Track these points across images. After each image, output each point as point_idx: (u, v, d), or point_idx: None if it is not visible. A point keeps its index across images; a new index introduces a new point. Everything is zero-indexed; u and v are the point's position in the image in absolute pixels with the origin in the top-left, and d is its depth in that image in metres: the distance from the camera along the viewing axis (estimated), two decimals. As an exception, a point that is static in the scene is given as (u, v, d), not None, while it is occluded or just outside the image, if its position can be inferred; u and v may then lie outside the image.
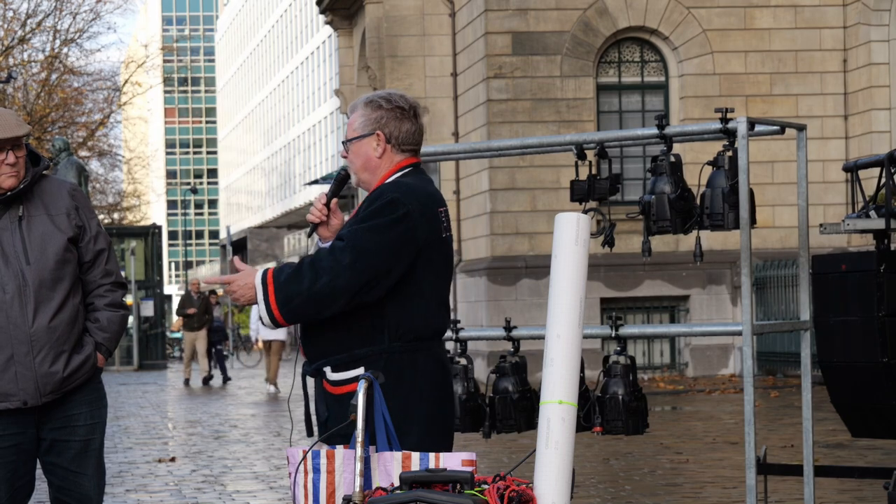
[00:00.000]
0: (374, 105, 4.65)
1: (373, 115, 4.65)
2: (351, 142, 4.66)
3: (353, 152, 4.67)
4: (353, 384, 4.49)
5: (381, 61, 29.20)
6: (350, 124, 4.69)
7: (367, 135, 4.64)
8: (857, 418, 7.57)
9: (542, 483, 3.93)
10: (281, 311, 4.47)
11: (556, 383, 4.01)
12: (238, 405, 21.31)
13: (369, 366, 4.50)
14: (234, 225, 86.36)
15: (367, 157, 4.65)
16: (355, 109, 4.70)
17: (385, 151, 4.64)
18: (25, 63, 46.69)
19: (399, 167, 4.65)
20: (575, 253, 4.08)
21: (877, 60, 24.46)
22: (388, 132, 4.63)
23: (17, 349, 4.99)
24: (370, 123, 4.64)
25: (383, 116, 4.64)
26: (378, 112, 4.64)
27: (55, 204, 5.11)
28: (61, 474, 5.17)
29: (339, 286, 4.44)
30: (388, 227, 4.47)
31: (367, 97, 4.69)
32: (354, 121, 4.67)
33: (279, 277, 4.49)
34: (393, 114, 4.64)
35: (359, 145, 4.65)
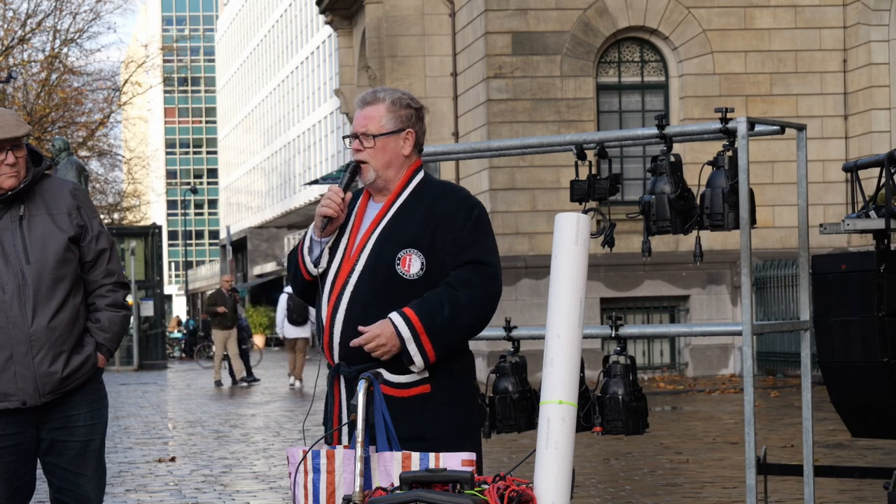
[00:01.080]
0: (402, 103, 4.61)
1: (402, 112, 4.60)
2: (379, 136, 4.58)
3: (378, 148, 4.58)
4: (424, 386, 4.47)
5: (381, 61, 29.20)
6: (371, 118, 4.59)
7: (398, 131, 4.60)
8: (857, 418, 7.57)
9: (542, 483, 3.93)
10: (437, 354, 4.45)
11: (556, 383, 4.01)
12: (238, 405, 21.31)
13: (432, 368, 4.48)
14: (234, 225, 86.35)
15: (395, 154, 4.60)
16: (374, 103, 4.61)
17: (411, 151, 4.62)
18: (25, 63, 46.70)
19: (416, 167, 4.65)
20: (575, 253, 4.08)
21: (877, 60, 24.46)
22: (416, 132, 4.62)
23: (17, 349, 4.98)
24: (400, 121, 4.60)
25: (412, 115, 4.63)
26: (407, 110, 4.61)
27: (56, 203, 5.11)
28: (61, 475, 5.17)
29: (488, 316, 4.52)
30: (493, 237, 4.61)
31: (390, 93, 4.63)
32: (379, 116, 4.59)
33: (432, 324, 4.42)
34: (418, 114, 4.64)
35: (386, 141, 4.58)
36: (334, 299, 4.55)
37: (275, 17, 77.28)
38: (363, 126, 4.59)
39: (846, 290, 7.33)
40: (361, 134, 4.59)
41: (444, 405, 4.48)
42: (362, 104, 4.63)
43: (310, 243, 4.65)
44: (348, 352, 4.50)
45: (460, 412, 4.51)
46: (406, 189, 4.61)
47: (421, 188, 4.61)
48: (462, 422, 4.52)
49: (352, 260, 4.57)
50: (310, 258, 4.64)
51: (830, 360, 7.46)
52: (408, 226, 4.53)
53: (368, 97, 4.64)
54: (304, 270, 4.65)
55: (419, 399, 4.44)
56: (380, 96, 4.62)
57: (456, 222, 4.50)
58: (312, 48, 65.78)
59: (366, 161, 4.59)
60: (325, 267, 4.62)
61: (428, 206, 4.54)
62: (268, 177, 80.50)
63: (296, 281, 4.73)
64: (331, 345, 4.55)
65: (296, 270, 4.70)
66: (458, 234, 4.50)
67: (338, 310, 4.53)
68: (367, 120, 4.59)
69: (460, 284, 4.44)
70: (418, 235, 4.50)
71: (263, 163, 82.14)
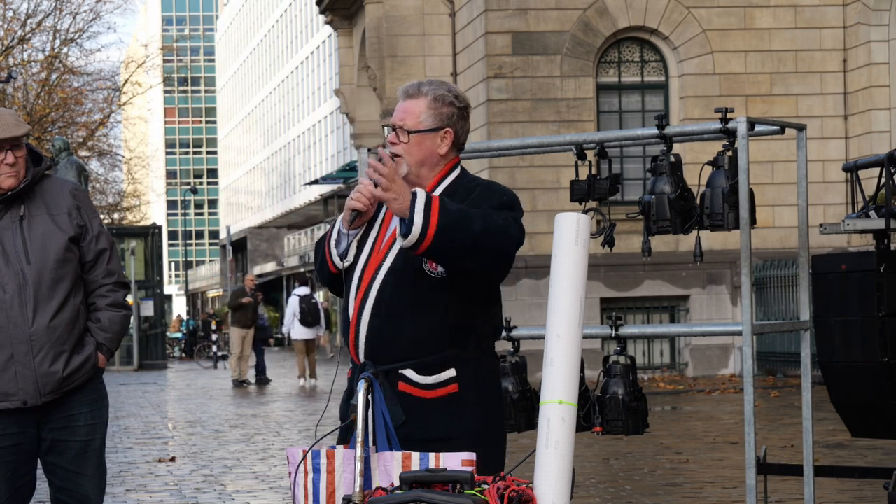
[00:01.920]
0: (446, 100, 4.47)
1: (443, 110, 4.46)
2: (414, 133, 4.44)
3: (414, 144, 4.44)
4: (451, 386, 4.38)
5: (381, 61, 29.21)
6: (410, 112, 4.46)
7: (436, 129, 4.46)
8: (857, 418, 7.57)
9: (542, 483, 3.93)
10: (437, 235, 4.21)
11: (556, 383, 4.01)
12: (238, 405, 21.31)
13: (460, 368, 4.39)
14: (234, 225, 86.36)
15: (430, 152, 4.46)
16: (416, 97, 4.47)
17: (448, 150, 4.49)
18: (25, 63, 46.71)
19: (452, 164, 4.54)
20: (575, 253, 4.08)
21: (877, 60, 24.47)
22: (456, 131, 4.49)
23: (17, 349, 4.98)
24: (441, 119, 4.45)
25: (454, 114, 4.48)
26: (449, 108, 4.47)
27: (57, 203, 5.11)
28: (62, 474, 5.17)
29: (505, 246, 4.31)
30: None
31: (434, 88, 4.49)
32: (419, 111, 4.45)
33: (446, 204, 4.24)
34: (461, 113, 4.50)
35: (423, 138, 4.44)
36: (361, 295, 4.45)
37: (275, 17, 77.29)
38: (401, 119, 4.46)
39: (846, 290, 7.33)
40: (399, 127, 4.46)
41: (469, 405, 4.40)
42: (405, 96, 4.50)
43: (337, 235, 4.52)
44: (374, 351, 4.41)
45: (486, 412, 4.44)
46: (439, 186, 4.49)
47: (455, 185, 4.50)
48: (488, 421, 4.45)
49: (380, 256, 4.45)
50: (336, 251, 4.51)
51: (830, 360, 7.46)
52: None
53: (411, 89, 4.50)
54: (331, 263, 4.54)
55: (446, 400, 4.36)
56: (423, 90, 4.48)
57: (485, 200, 4.40)
58: (312, 48, 65.79)
59: (400, 155, 4.46)
60: (353, 261, 4.50)
61: (459, 200, 4.42)
62: (268, 177, 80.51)
63: (322, 272, 4.60)
64: (356, 342, 4.44)
65: (322, 261, 4.58)
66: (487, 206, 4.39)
67: (364, 306, 4.42)
68: (406, 114, 4.46)
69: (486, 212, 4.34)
70: None
71: (263, 163, 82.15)
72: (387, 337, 4.40)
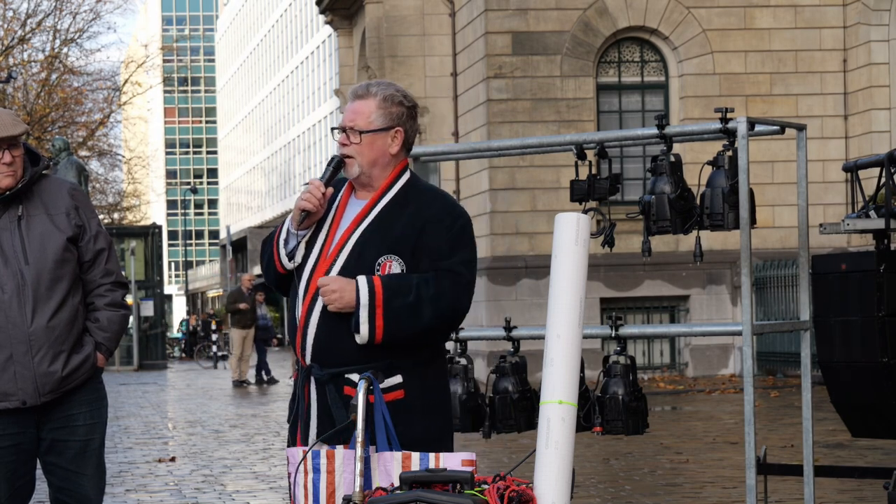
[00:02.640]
0: (395, 100, 4.48)
1: (393, 109, 4.48)
2: (366, 133, 4.46)
3: (366, 144, 4.45)
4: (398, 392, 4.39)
5: (381, 61, 29.20)
6: (360, 112, 4.47)
7: (387, 129, 4.47)
8: (857, 418, 7.57)
9: (542, 483, 3.93)
10: (384, 337, 4.32)
11: (556, 383, 4.01)
12: (238, 405, 21.31)
13: (406, 375, 4.41)
14: (234, 225, 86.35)
15: (381, 153, 4.47)
16: (366, 97, 4.49)
17: (399, 149, 4.50)
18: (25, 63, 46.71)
19: (403, 166, 4.54)
20: (575, 253, 4.08)
21: (877, 60, 24.47)
22: (406, 130, 4.50)
23: (16, 348, 4.98)
24: (391, 118, 4.47)
25: (404, 113, 4.50)
26: (399, 108, 4.49)
27: (55, 203, 5.11)
28: (61, 474, 5.17)
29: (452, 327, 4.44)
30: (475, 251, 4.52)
31: (383, 88, 4.50)
32: (369, 111, 4.47)
33: (391, 302, 4.31)
34: (410, 112, 4.51)
35: (374, 138, 4.46)
36: (309, 299, 4.44)
37: (275, 17, 77.29)
38: (351, 120, 4.48)
39: (846, 290, 7.33)
40: (349, 128, 4.48)
41: (417, 412, 4.41)
42: (354, 97, 4.51)
43: (286, 235, 4.53)
44: (321, 354, 4.42)
45: (434, 419, 4.46)
46: (391, 190, 4.49)
47: (406, 190, 4.50)
48: (436, 428, 4.47)
49: (330, 258, 4.45)
50: (285, 251, 4.52)
51: (830, 360, 7.46)
52: (391, 230, 4.42)
53: (360, 90, 4.51)
54: (279, 263, 4.54)
55: (393, 406, 4.36)
56: (372, 91, 4.50)
57: (441, 229, 4.41)
58: (312, 48, 65.79)
59: (351, 156, 4.48)
60: (301, 262, 4.51)
61: (415, 208, 4.43)
62: (268, 177, 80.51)
63: (268, 272, 4.60)
64: (303, 345, 4.44)
65: (269, 261, 4.58)
66: (440, 241, 4.40)
67: (313, 310, 4.42)
68: (356, 114, 4.48)
69: (433, 283, 4.36)
70: (401, 241, 4.40)
71: (263, 163, 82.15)
72: (334, 341, 4.40)
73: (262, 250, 4.65)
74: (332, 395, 4.41)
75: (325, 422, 4.44)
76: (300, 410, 4.52)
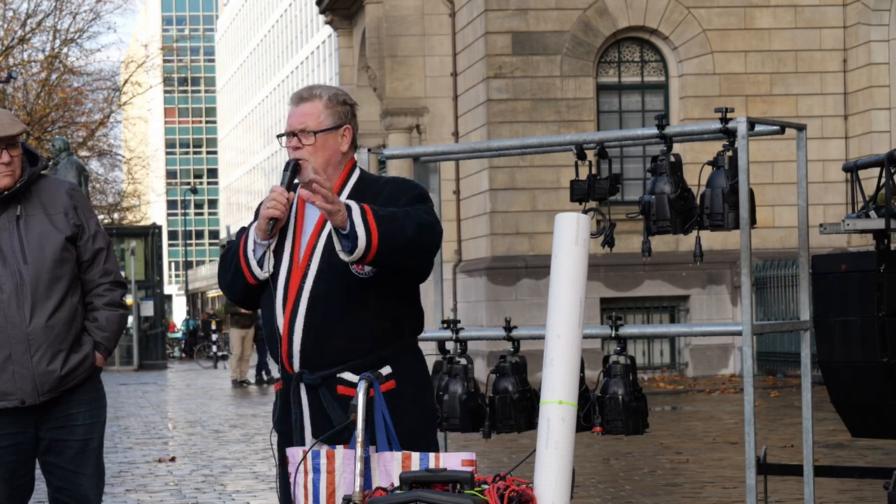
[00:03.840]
0: (339, 99, 4.53)
1: (339, 108, 4.52)
2: (319, 133, 4.48)
3: (318, 145, 4.48)
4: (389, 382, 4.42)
5: (381, 61, 29.20)
6: (309, 114, 4.49)
7: (336, 128, 4.51)
8: (857, 418, 7.56)
9: (542, 483, 3.93)
10: (380, 244, 4.25)
11: (556, 383, 4.01)
12: (238, 405, 21.31)
13: (395, 365, 4.44)
14: (234, 225, 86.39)
15: (333, 151, 4.51)
16: (311, 99, 4.51)
17: (349, 147, 4.54)
18: (25, 63, 46.71)
19: (352, 164, 4.58)
20: (575, 253, 4.08)
21: (877, 60, 24.46)
22: (353, 128, 4.55)
23: (15, 348, 4.98)
24: (339, 117, 4.51)
25: (349, 111, 4.54)
26: (343, 107, 4.53)
27: (53, 203, 5.11)
28: (60, 474, 5.17)
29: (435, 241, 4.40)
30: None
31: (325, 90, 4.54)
32: (317, 113, 4.49)
33: (378, 212, 4.30)
34: (353, 110, 4.56)
35: (327, 137, 4.49)
36: (290, 306, 4.44)
37: (275, 17, 77.31)
38: (301, 123, 4.50)
39: (846, 290, 7.33)
40: (300, 131, 4.49)
41: (408, 399, 4.46)
42: (298, 101, 4.54)
43: (253, 245, 4.52)
44: (310, 359, 4.43)
45: (423, 411, 4.52)
46: (346, 186, 4.53)
47: (361, 184, 4.54)
48: (424, 421, 4.52)
49: (303, 264, 4.46)
50: (255, 261, 4.52)
51: (830, 360, 7.46)
52: None
53: (305, 94, 4.54)
54: (249, 274, 4.52)
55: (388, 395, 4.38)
56: (316, 93, 4.53)
57: (398, 201, 4.45)
58: (312, 48, 65.79)
59: (305, 159, 4.49)
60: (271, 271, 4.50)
61: (371, 199, 4.44)
62: (268, 177, 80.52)
63: (234, 287, 4.58)
64: (290, 353, 4.44)
65: (235, 275, 4.55)
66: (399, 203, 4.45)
67: (296, 317, 4.42)
68: (306, 117, 4.50)
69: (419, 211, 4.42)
70: None
71: (263, 163, 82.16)
72: (321, 343, 4.42)
73: (224, 266, 4.61)
74: (327, 398, 4.43)
75: (321, 426, 4.44)
76: (294, 418, 4.50)
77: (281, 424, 4.57)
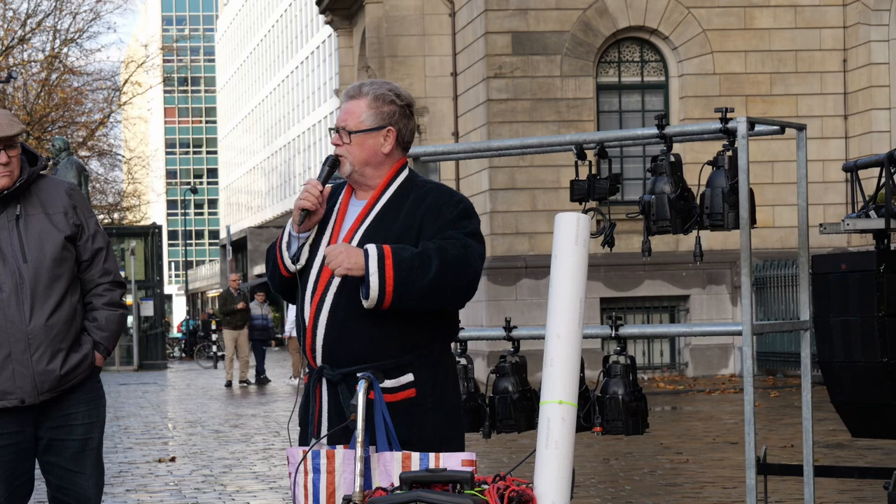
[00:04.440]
0: (386, 99, 4.48)
1: (384, 109, 4.47)
2: (356, 133, 4.46)
3: (357, 144, 4.46)
4: (409, 390, 4.39)
5: (381, 61, 29.20)
6: (351, 112, 4.48)
7: (378, 129, 4.47)
8: (857, 418, 7.56)
9: (542, 483, 3.92)
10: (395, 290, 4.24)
11: (556, 383, 4.01)
12: (238, 405, 21.31)
13: (418, 373, 4.40)
14: (234, 225, 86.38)
15: (373, 152, 4.47)
16: (357, 97, 4.49)
17: (393, 148, 4.49)
18: (25, 63, 46.72)
19: (400, 165, 4.54)
20: (575, 253, 4.07)
21: (877, 60, 24.47)
22: (399, 129, 4.49)
23: (15, 347, 4.98)
24: (381, 118, 4.47)
25: (395, 112, 4.48)
26: (390, 107, 4.48)
27: (53, 203, 5.11)
28: (59, 473, 5.17)
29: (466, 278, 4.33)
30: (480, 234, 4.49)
31: (374, 88, 4.49)
32: (359, 111, 4.47)
33: (399, 253, 4.25)
34: (403, 111, 4.50)
35: (365, 138, 4.46)
36: (317, 300, 4.43)
37: (275, 17, 77.30)
38: (343, 120, 4.49)
39: (846, 290, 7.33)
40: (341, 128, 4.49)
41: (428, 409, 4.41)
42: (347, 97, 4.52)
43: (288, 238, 4.53)
44: (332, 354, 4.42)
45: (444, 417, 4.46)
46: (389, 188, 4.49)
47: (404, 187, 4.50)
48: (447, 426, 4.47)
49: None
50: (288, 254, 4.52)
51: (830, 360, 7.46)
52: (392, 226, 4.41)
53: (353, 91, 4.52)
54: (283, 267, 4.53)
55: (405, 404, 4.37)
56: (364, 90, 4.50)
57: (441, 215, 4.41)
58: (312, 48, 65.79)
59: (343, 155, 4.48)
60: (305, 264, 4.50)
61: (412, 205, 4.43)
62: (268, 177, 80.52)
63: (274, 278, 4.59)
64: (313, 347, 4.44)
65: (274, 266, 4.57)
66: (442, 222, 4.40)
67: (321, 311, 4.42)
68: (348, 115, 4.49)
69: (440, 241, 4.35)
70: (403, 236, 4.38)
71: (263, 163, 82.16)
72: (344, 341, 4.40)
73: (267, 257, 4.64)
74: (345, 395, 4.40)
75: (337, 422, 4.43)
76: (311, 412, 4.51)
77: (303, 417, 4.56)
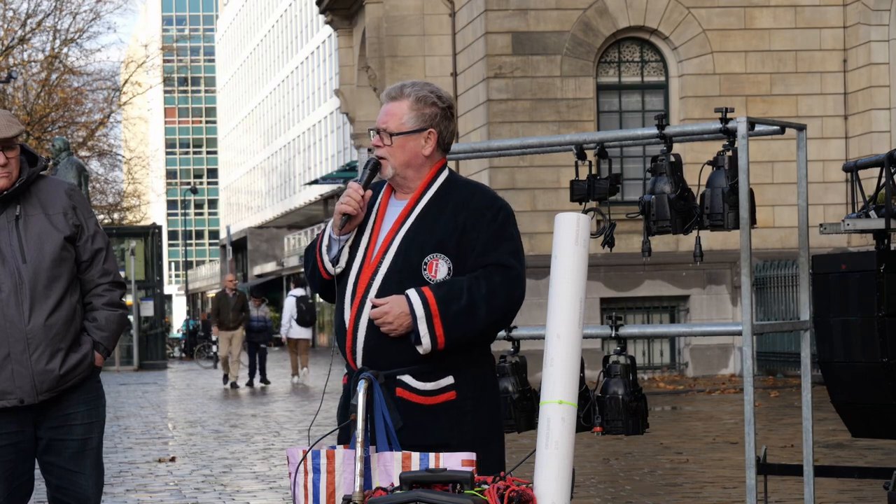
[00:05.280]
0: (428, 101, 4.47)
1: (426, 111, 4.46)
2: (397, 135, 4.46)
3: (398, 146, 4.45)
4: (450, 393, 4.39)
5: (381, 61, 29.20)
6: (393, 114, 4.47)
7: (419, 131, 4.47)
8: (857, 418, 7.57)
9: (542, 483, 3.92)
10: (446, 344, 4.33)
11: (556, 383, 4.01)
12: (238, 405, 21.31)
13: (458, 376, 4.40)
14: (234, 225, 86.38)
15: (414, 154, 4.46)
16: (399, 98, 4.48)
17: (433, 150, 4.49)
18: (25, 63, 46.71)
19: (440, 165, 4.53)
20: (575, 253, 4.07)
21: (877, 60, 24.46)
22: (440, 131, 4.48)
23: (14, 347, 4.98)
24: (423, 120, 4.46)
25: (437, 115, 4.48)
26: (432, 109, 4.47)
27: (52, 203, 5.11)
28: (59, 473, 5.17)
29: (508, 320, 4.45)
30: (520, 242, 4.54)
31: (416, 89, 4.49)
32: (401, 113, 4.46)
33: (447, 308, 4.31)
34: (444, 113, 4.50)
35: (406, 140, 4.45)
36: (357, 303, 4.43)
37: (275, 17, 77.29)
38: (384, 122, 4.48)
39: (846, 290, 7.33)
40: (382, 130, 4.48)
41: (468, 412, 4.40)
42: (388, 98, 4.52)
43: (328, 241, 4.52)
44: (372, 356, 4.40)
45: (484, 419, 4.45)
46: (430, 189, 4.49)
47: (445, 188, 4.49)
48: (487, 428, 4.45)
49: (375, 261, 4.44)
50: (328, 256, 4.51)
51: (830, 360, 7.46)
52: (434, 228, 4.41)
53: (394, 92, 4.52)
54: (322, 269, 4.53)
55: (444, 407, 4.36)
56: (405, 92, 4.49)
57: (482, 223, 4.41)
58: (312, 48, 65.78)
59: (384, 157, 4.48)
60: (345, 266, 4.50)
61: (454, 207, 4.43)
62: (268, 177, 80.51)
63: (313, 279, 4.59)
64: (354, 349, 4.43)
65: (313, 268, 4.57)
66: (484, 235, 4.40)
67: (361, 313, 4.41)
68: (389, 116, 4.48)
69: (484, 280, 4.35)
70: (445, 238, 4.39)
71: (263, 163, 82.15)
72: (385, 343, 4.38)
73: (306, 258, 4.65)
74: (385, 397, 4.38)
75: None
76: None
77: (342, 418, 4.54)
